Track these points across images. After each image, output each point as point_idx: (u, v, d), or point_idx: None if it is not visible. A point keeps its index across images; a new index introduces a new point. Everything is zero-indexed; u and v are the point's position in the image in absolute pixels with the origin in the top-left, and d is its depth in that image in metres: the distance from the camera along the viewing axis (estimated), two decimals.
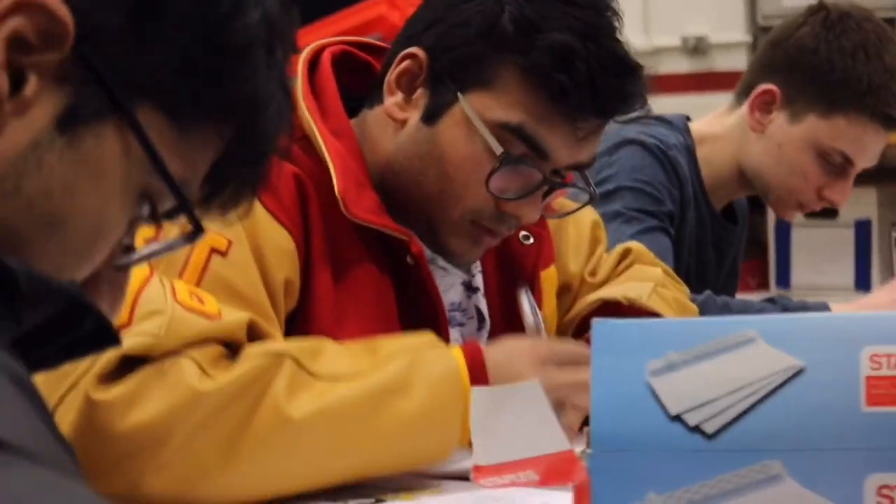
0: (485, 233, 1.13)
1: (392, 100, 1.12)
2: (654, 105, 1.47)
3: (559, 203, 1.25)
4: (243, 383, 0.93)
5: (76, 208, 0.48)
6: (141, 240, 0.55)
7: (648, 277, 1.35)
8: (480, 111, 1.08)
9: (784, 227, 3.31)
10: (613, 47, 1.09)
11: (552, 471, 0.81)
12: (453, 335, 1.19)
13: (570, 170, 1.16)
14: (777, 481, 0.70)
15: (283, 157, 0.60)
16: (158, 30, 0.48)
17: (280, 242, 1.04)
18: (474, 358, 1.03)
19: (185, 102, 0.50)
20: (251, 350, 0.96)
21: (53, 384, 0.87)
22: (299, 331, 1.06)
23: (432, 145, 1.10)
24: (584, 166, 1.17)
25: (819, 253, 3.35)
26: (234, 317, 0.98)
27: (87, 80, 0.47)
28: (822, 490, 0.68)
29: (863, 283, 3.23)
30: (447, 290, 1.20)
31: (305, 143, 1.09)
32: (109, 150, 0.48)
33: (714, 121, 1.72)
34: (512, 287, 1.25)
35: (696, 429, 0.73)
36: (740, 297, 1.88)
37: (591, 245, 1.37)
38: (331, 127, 1.11)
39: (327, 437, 0.96)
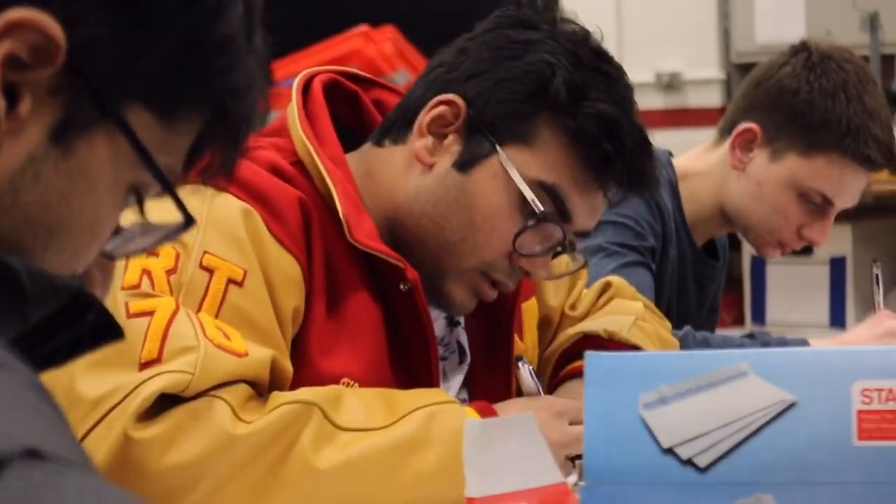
0: (489, 285, 1.14)
1: (422, 143, 1.11)
2: None
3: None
4: (275, 431, 0.94)
5: (72, 214, 0.49)
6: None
7: (629, 311, 1.36)
8: (519, 166, 1.10)
9: (759, 263, 3.34)
10: (642, 124, 1.13)
11: (546, 503, 0.82)
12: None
13: (579, 234, 1.18)
14: None
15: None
16: (145, 35, 0.49)
17: (288, 271, 1.04)
18: (488, 415, 1.06)
19: (171, 100, 0.51)
20: (281, 397, 0.98)
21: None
22: (292, 355, 1.06)
23: (461, 193, 1.11)
24: (588, 233, 1.19)
25: (794, 289, 3.38)
26: (259, 354, 0.98)
27: (79, 90, 0.47)
28: None
29: (838, 320, 3.26)
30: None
31: (302, 167, 1.10)
32: (101, 154, 0.49)
33: (697, 157, 1.74)
34: (491, 322, 1.25)
35: (688, 462, 0.73)
36: (719, 332, 1.90)
37: (572, 280, 1.37)
38: (328, 153, 1.11)
39: (351, 488, 0.98)
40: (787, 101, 1.58)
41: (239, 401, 0.95)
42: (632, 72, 1.22)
